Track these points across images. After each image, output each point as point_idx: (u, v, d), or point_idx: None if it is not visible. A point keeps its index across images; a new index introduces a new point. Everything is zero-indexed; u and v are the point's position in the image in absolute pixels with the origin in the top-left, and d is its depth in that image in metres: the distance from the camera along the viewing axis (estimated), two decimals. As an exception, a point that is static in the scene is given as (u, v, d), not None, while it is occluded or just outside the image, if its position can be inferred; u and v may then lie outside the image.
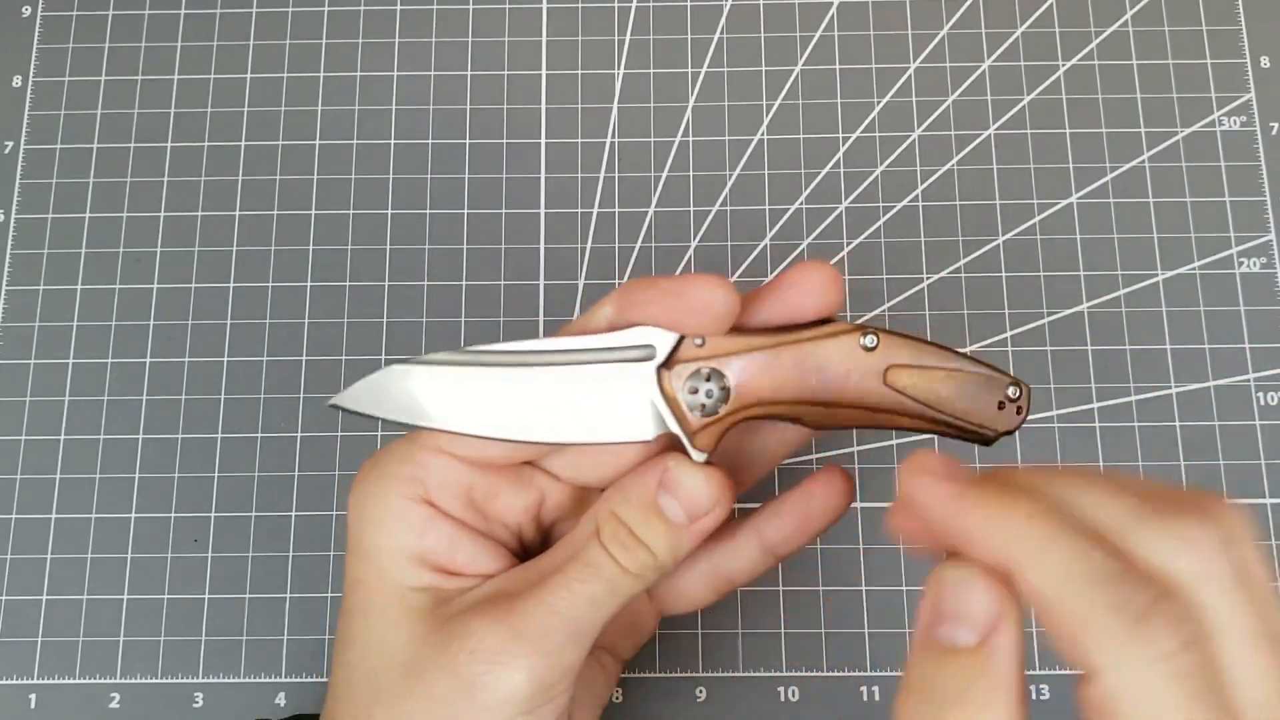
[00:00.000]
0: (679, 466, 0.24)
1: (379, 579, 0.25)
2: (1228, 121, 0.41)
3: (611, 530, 0.24)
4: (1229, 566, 0.19)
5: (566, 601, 0.24)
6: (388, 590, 0.25)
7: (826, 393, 0.24)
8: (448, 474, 0.25)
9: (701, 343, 0.25)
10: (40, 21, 0.42)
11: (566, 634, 0.24)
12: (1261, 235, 0.39)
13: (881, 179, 0.40)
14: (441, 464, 0.25)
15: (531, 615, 0.24)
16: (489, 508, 0.26)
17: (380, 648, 0.25)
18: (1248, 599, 0.19)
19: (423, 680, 0.24)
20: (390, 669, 0.24)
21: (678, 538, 0.25)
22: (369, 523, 0.25)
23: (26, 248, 0.40)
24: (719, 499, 0.25)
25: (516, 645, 0.23)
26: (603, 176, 0.40)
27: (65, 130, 0.41)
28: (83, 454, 0.38)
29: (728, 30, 0.42)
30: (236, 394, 0.38)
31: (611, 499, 0.25)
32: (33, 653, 0.36)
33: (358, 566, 0.26)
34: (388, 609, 0.25)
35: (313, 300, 0.39)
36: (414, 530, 0.25)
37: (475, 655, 0.23)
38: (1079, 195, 0.40)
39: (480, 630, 0.24)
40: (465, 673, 0.23)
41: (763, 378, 0.24)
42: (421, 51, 0.42)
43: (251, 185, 0.40)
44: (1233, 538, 0.20)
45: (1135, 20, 0.42)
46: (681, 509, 0.24)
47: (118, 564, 0.37)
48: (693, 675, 0.36)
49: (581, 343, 0.25)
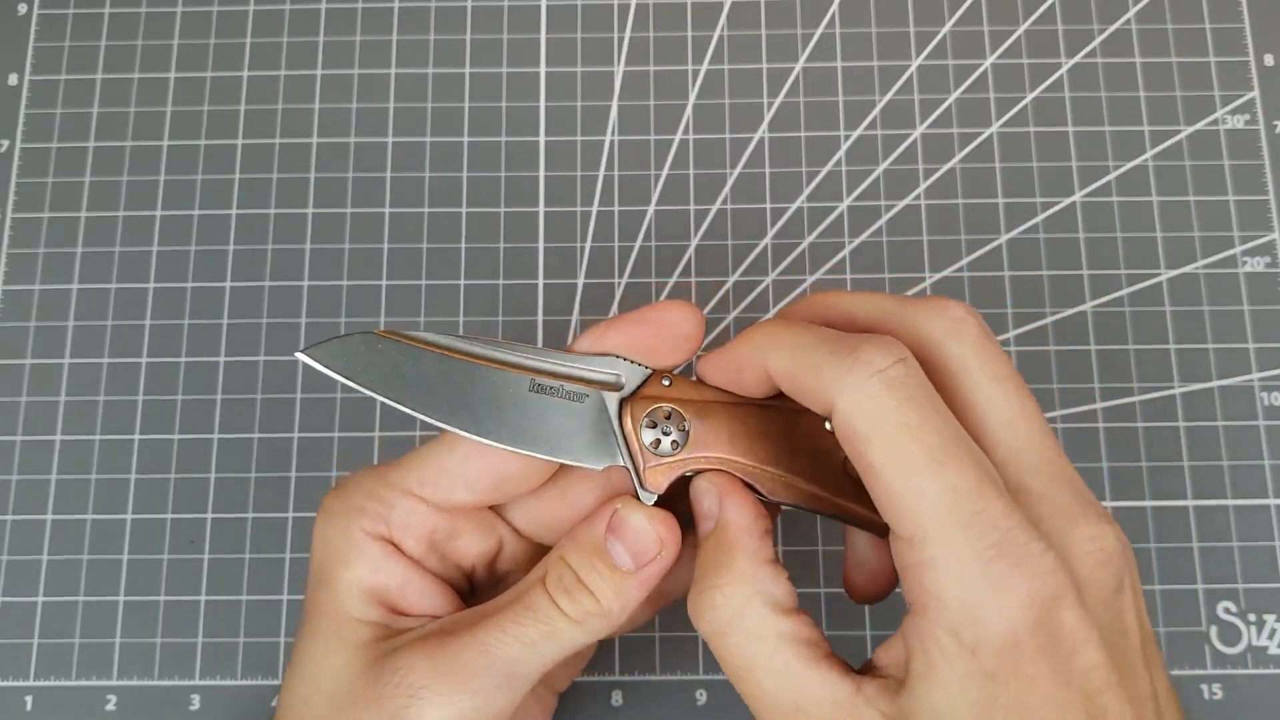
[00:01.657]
0: (626, 509, 0.24)
1: (330, 607, 0.25)
2: (1231, 120, 0.40)
3: (557, 576, 0.24)
4: (975, 328, 0.23)
5: (500, 642, 0.24)
6: (335, 618, 0.25)
7: (780, 462, 0.24)
8: (413, 516, 0.25)
9: (669, 383, 0.25)
10: (36, 19, 0.42)
11: (497, 675, 0.24)
12: (1265, 234, 0.39)
13: (883, 177, 0.40)
14: (408, 506, 0.25)
15: (461, 653, 0.24)
16: (448, 549, 0.26)
17: (315, 675, 0.25)
18: (993, 350, 0.23)
19: (348, 711, 0.24)
20: (320, 698, 0.25)
21: (623, 585, 0.24)
22: (331, 553, 0.26)
23: (22, 247, 0.40)
24: (665, 542, 0.24)
25: (442, 682, 0.23)
26: (602, 174, 0.40)
27: (61, 129, 0.41)
28: (78, 455, 0.38)
29: (728, 27, 0.42)
30: (233, 394, 0.38)
31: (562, 544, 0.25)
32: (29, 654, 0.36)
33: (314, 593, 0.26)
34: (331, 637, 0.25)
35: (309, 299, 0.39)
36: (369, 564, 0.25)
37: (399, 689, 0.23)
38: (1082, 194, 0.40)
39: (409, 664, 0.24)
40: (389, 705, 0.23)
41: (721, 430, 0.24)
42: (419, 49, 0.42)
43: (248, 184, 0.40)
44: (973, 313, 0.23)
45: (1138, 18, 0.41)
46: (627, 553, 0.24)
47: (114, 565, 0.37)
48: (693, 678, 0.36)
49: (559, 360, 0.25)
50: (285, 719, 0.25)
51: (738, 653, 0.23)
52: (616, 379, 0.25)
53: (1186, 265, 0.39)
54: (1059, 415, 0.38)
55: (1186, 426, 0.38)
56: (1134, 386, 0.38)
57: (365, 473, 0.26)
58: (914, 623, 0.21)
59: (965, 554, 0.20)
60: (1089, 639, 0.20)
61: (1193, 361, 0.38)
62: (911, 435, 0.20)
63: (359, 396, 0.38)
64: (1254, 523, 0.37)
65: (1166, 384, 0.38)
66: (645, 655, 0.36)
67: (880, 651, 0.22)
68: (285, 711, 0.26)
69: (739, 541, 0.23)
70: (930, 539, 0.20)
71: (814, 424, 0.25)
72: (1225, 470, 0.37)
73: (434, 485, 0.25)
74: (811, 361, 0.22)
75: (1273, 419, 0.37)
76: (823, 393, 0.22)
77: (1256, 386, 0.38)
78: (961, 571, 0.20)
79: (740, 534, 0.23)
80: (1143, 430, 0.38)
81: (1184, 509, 0.37)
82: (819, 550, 0.37)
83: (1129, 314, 0.38)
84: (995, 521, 0.20)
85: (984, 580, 0.20)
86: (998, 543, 0.20)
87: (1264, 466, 0.37)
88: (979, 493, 0.20)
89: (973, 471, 0.20)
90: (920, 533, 0.20)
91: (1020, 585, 0.19)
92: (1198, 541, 0.37)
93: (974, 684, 0.20)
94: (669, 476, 0.24)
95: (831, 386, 0.21)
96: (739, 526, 0.23)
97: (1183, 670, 0.35)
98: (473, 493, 0.25)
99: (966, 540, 0.20)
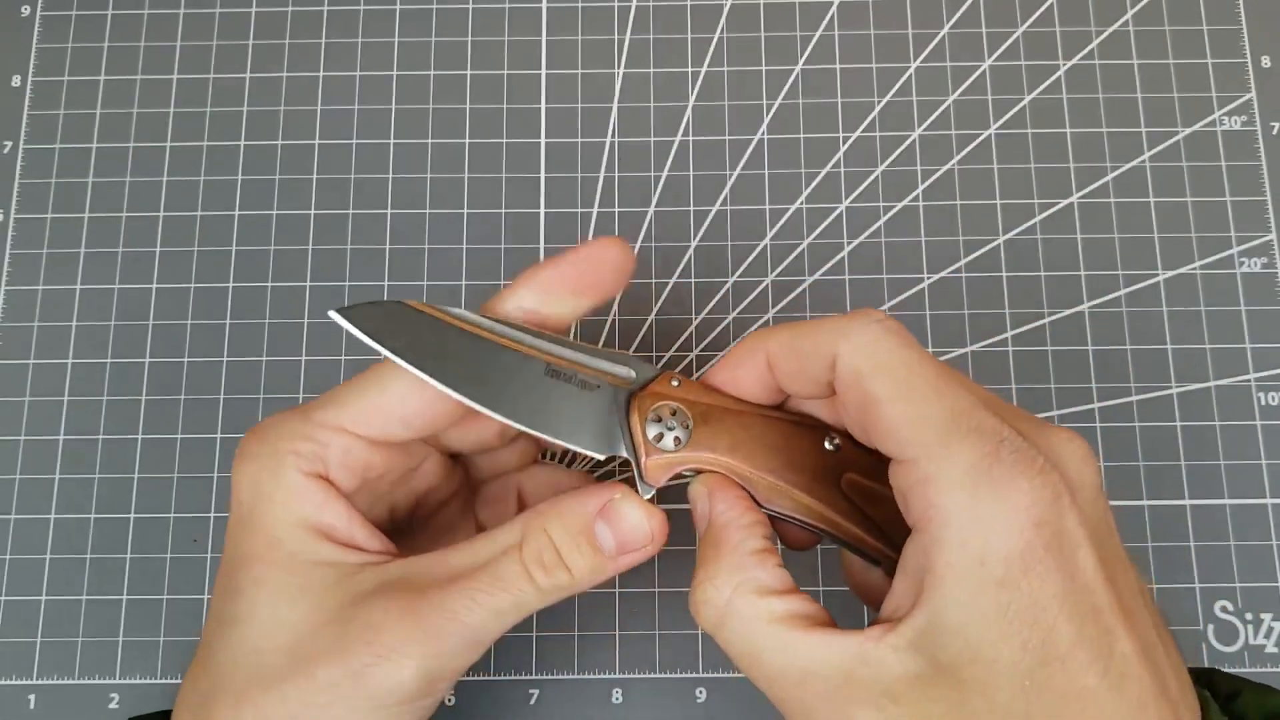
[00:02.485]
0: (625, 500, 0.25)
1: (275, 554, 0.25)
2: (1228, 121, 0.40)
3: (537, 549, 0.25)
4: (889, 339, 0.23)
5: (470, 611, 0.24)
6: (286, 565, 0.25)
7: (778, 472, 0.25)
8: (349, 454, 0.25)
9: (678, 384, 0.25)
10: (39, 21, 0.42)
11: (463, 639, 0.24)
12: (1262, 235, 0.39)
13: (882, 178, 0.40)
14: (344, 443, 0.25)
15: (431, 617, 0.24)
16: (377, 487, 0.27)
17: (270, 626, 0.24)
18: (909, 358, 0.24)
19: (311, 664, 0.24)
20: (277, 649, 0.24)
21: (600, 566, 0.25)
22: (263, 498, 0.25)
23: (26, 247, 0.40)
24: (655, 539, 0.25)
25: (412, 645, 0.23)
26: (602, 176, 0.40)
27: (64, 130, 0.41)
28: (82, 454, 0.38)
29: (728, 29, 0.42)
30: (235, 394, 0.38)
31: (545, 515, 0.25)
32: (32, 653, 0.36)
33: (248, 540, 0.25)
34: (285, 585, 0.24)
35: (312, 300, 0.39)
36: (312, 504, 0.25)
37: (370, 646, 0.23)
38: (1079, 195, 0.40)
39: (381, 624, 0.24)
40: (356, 662, 0.23)
41: (724, 435, 0.25)
42: (421, 51, 0.42)
43: (251, 185, 0.40)
44: (884, 322, 0.24)
45: (1136, 20, 0.42)
46: (614, 540, 0.25)
47: (117, 564, 0.37)
48: (693, 676, 0.36)
49: (577, 351, 0.26)
50: (231, 675, 0.24)
51: (738, 640, 0.23)
52: (628, 374, 0.26)
53: (1184, 266, 0.39)
54: (1056, 415, 0.38)
55: (1184, 426, 0.38)
56: (1131, 386, 0.38)
57: (287, 414, 0.26)
58: (918, 545, 0.22)
59: (968, 462, 0.21)
60: (1086, 536, 0.21)
61: (1190, 362, 0.38)
62: (912, 368, 0.22)
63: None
64: (1251, 522, 0.37)
65: (1164, 384, 0.38)
66: (645, 653, 0.36)
67: (884, 604, 0.23)
68: (229, 669, 0.24)
69: (725, 534, 0.24)
70: (934, 455, 0.21)
71: (814, 440, 0.25)
72: (1222, 470, 0.37)
73: (369, 422, 0.25)
74: (809, 330, 0.23)
75: (1270, 419, 0.38)
76: (825, 349, 0.23)
77: (1253, 386, 0.38)
78: (965, 478, 0.21)
79: (726, 528, 0.24)
80: (1140, 430, 0.38)
81: (1181, 508, 0.37)
82: (819, 550, 0.37)
83: (1126, 314, 0.39)
84: (991, 432, 0.21)
85: (987, 484, 0.21)
86: (994, 449, 0.21)
87: (1261, 466, 0.37)
88: (974, 412, 0.21)
89: (967, 396, 0.22)
90: (924, 451, 0.21)
91: (1022, 485, 0.20)
92: (1195, 541, 0.37)
93: (986, 594, 0.20)
94: (668, 472, 0.25)
95: (834, 338, 0.23)
96: (725, 521, 0.24)
97: (1180, 669, 0.36)
98: (409, 428, 0.26)
99: (967, 450, 0.21)
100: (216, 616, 0.25)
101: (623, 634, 0.36)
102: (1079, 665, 0.20)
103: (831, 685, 0.22)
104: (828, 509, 0.25)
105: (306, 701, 0.23)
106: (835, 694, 0.22)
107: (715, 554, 0.24)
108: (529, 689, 0.36)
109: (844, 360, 0.23)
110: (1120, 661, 0.21)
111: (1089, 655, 0.20)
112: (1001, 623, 0.20)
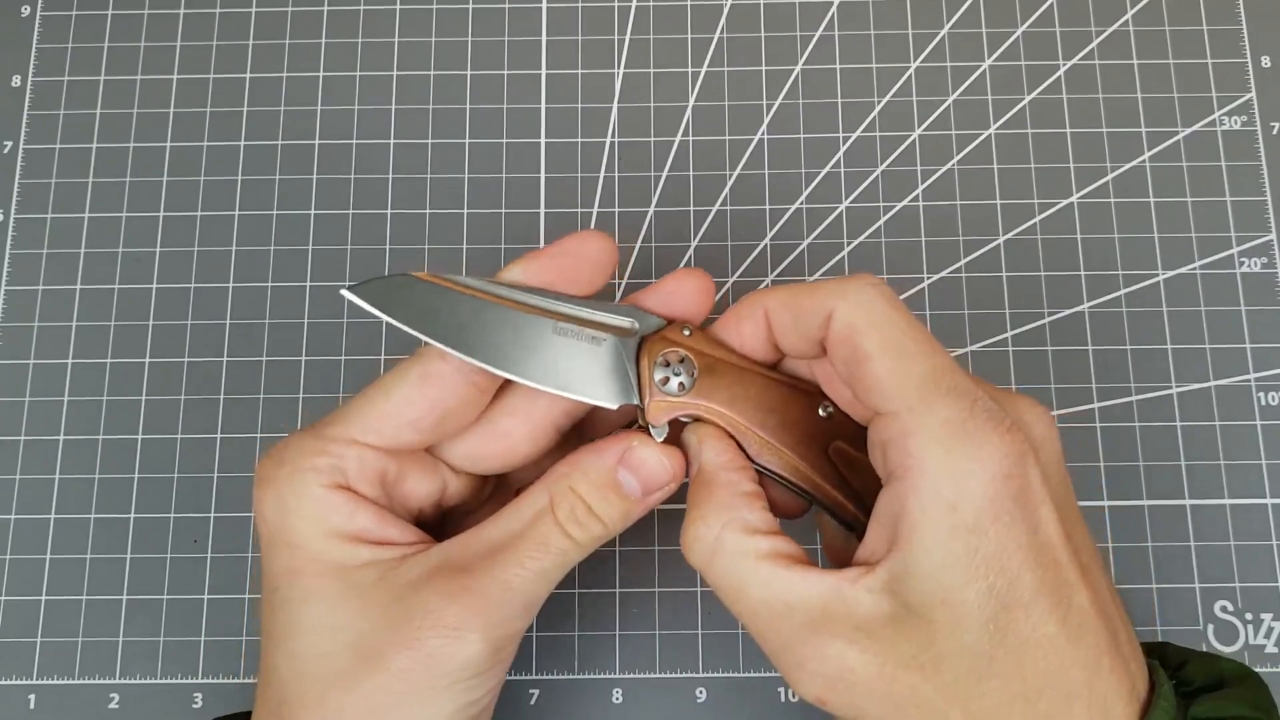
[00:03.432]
0: (643, 446, 0.26)
1: (316, 565, 0.25)
2: (1228, 121, 0.40)
3: (569, 507, 0.26)
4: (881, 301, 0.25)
5: (520, 578, 0.25)
6: (328, 574, 0.25)
7: (771, 430, 0.26)
8: (365, 463, 0.26)
9: (689, 334, 0.27)
10: (39, 21, 0.42)
11: (518, 605, 0.25)
12: (1262, 235, 0.39)
13: (882, 179, 0.40)
14: (357, 453, 0.26)
15: (487, 591, 0.25)
16: (397, 491, 0.27)
17: (329, 631, 0.25)
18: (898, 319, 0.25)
19: (380, 657, 0.24)
20: (341, 651, 0.25)
21: (630, 511, 0.27)
22: (292, 515, 0.26)
23: (26, 247, 0.40)
24: (675, 475, 0.27)
25: (474, 619, 0.25)
26: (602, 176, 0.40)
27: (64, 130, 0.41)
28: (82, 454, 0.38)
29: (728, 30, 0.42)
30: (236, 394, 0.38)
31: (570, 475, 0.26)
32: (32, 653, 0.36)
33: (286, 558, 0.26)
34: (330, 592, 0.25)
35: (312, 300, 0.39)
36: (342, 513, 0.26)
37: (435, 630, 0.24)
38: (1079, 195, 0.40)
39: (438, 607, 0.25)
40: (423, 647, 0.24)
41: (724, 389, 0.26)
42: (421, 51, 0.42)
43: (251, 185, 0.40)
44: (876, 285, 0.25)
45: (1136, 20, 0.42)
46: (639, 484, 0.26)
47: (117, 564, 0.37)
48: (692, 675, 0.36)
49: (581, 306, 0.27)
50: (303, 687, 0.25)
51: (725, 574, 0.25)
52: (632, 325, 0.27)
53: (1184, 266, 0.39)
54: (1056, 415, 0.38)
55: (1183, 426, 0.38)
56: (1131, 386, 0.38)
57: (298, 435, 0.26)
58: (894, 493, 0.23)
59: (944, 418, 0.22)
60: (1048, 495, 0.23)
61: (1190, 361, 0.38)
62: (901, 329, 0.24)
63: (361, 396, 0.38)
64: (1251, 522, 0.37)
65: (1164, 384, 0.38)
66: (646, 653, 0.36)
67: (858, 551, 0.24)
68: (299, 681, 0.25)
69: (715, 477, 0.26)
70: (915, 409, 0.23)
71: (809, 406, 0.27)
72: (1222, 470, 0.37)
73: (379, 430, 0.26)
74: (808, 289, 0.25)
75: (1269, 418, 0.38)
76: (822, 306, 0.24)
77: (1253, 386, 0.38)
78: (942, 432, 0.22)
79: (716, 470, 0.26)
80: (1140, 430, 0.38)
81: (1181, 508, 0.37)
82: (820, 550, 0.37)
83: (1126, 314, 0.39)
84: (966, 392, 0.23)
85: (961, 439, 0.22)
86: (969, 407, 0.23)
87: (1261, 466, 0.37)
88: (953, 372, 0.23)
89: (948, 359, 0.24)
90: (906, 405, 0.23)
91: (994, 440, 0.22)
92: (1195, 541, 0.37)
93: (957, 539, 0.22)
94: (669, 414, 0.26)
95: (831, 297, 0.24)
96: (715, 464, 0.26)
97: (1180, 668, 0.36)
98: (419, 431, 0.26)
99: (944, 407, 0.23)
100: (271, 635, 0.26)
101: (623, 634, 0.36)
102: (1040, 613, 0.22)
103: (809, 618, 0.23)
104: (813, 471, 0.26)
105: (386, 691, 0.24)
106: (812, 626, 0.23)
107: (707, 494, 0.25)
108: (529, 689, 0.36)
109: (839, 316, 0.24)
110: (1078, 613, 0.22)
111: (1049, 604, 0.22)
112: (970, 567, 0.22)
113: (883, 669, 0.22)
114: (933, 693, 0.22)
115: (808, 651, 0.23)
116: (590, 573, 0.37)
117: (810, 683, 0.23)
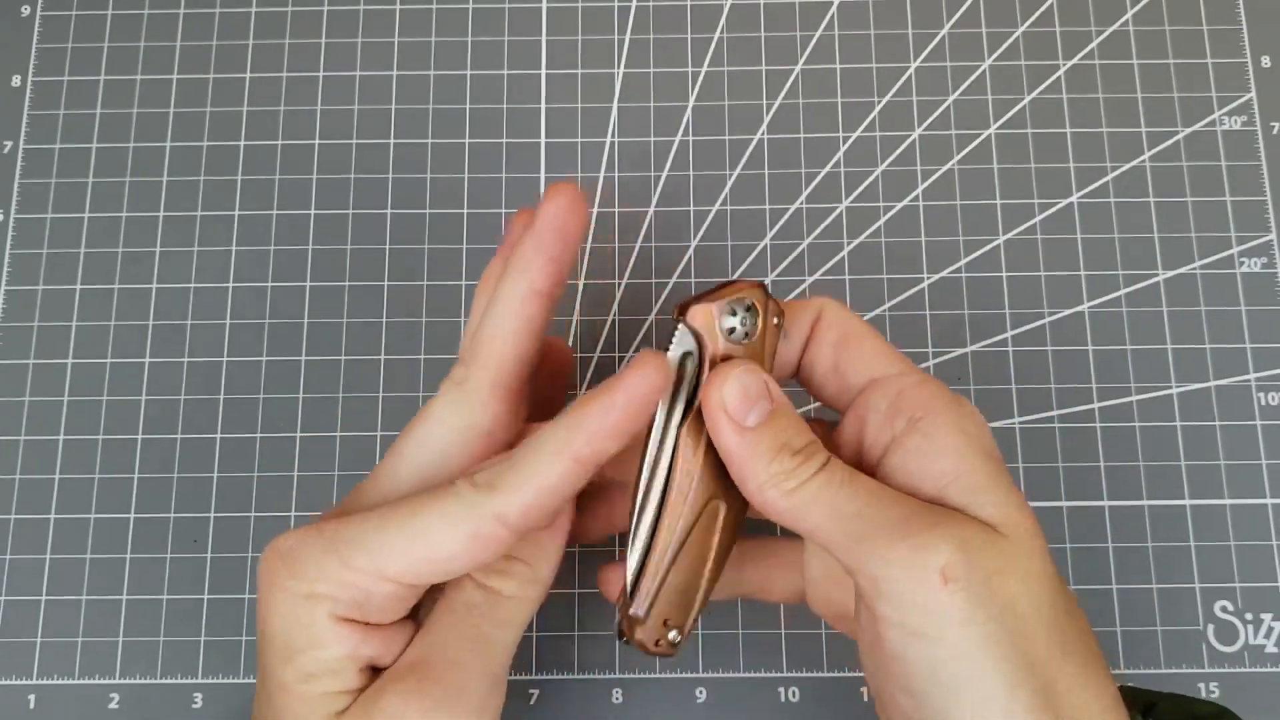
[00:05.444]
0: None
1: (315, 687, 0.25)
2: (1229, 121, 0.40)
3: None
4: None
5: (481, 657, 0.26)
6: (312, 701, 0.25)
7: None
8: (389, 598, 0.25)
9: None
10: (39, 21, 0.42)
11: (483, 684, 0.26)
12: (1262, 235, 0.39)
13: (882, 178, 0.40)
14: (385, 589, 0.25)
15: (445, 678, 0.25)
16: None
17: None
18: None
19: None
20: None
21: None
22: (299, 635, 0.25)
23: (25, 247, 0.40)
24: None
25: (438, 714, 0.25)
26: (602, 176, 0.40)
27: (64, 130, 0.41)
28: (82, 454, 0.38)
29: (728, 29, 0.42)
30: (235, 394, 0.38)
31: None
32: (32, 653, 0.36)
33: (285, 671, 0.25)
34: (332, 701, 0.25)
35: (312, 300, 0.39)
36: (351, 643, 0.25)
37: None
38: (1079, 195, 0.40)
39: (402, 713, 0.24)
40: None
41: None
42: (421, 51, 0.42)
43: (250, 185, 0.40)
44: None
45: (1136, 20, 0.42)
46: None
47: (117, 564, 0.37)
48: (693, 676, 0.36)
49: None
50: None
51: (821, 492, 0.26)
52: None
53: (1184, 266, 0.39)
54: (1056, 415, 0.38)
55: (1183, 426, 0.38)
56: (1131, 386, 0.38)
57: (319, 547, 0.25)
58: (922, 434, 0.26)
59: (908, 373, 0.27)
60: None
61: (1190, 362, 0.38)
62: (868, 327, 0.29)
63: (361, 396, 0.38)
64: (1251, 522, 0.37)
65: (1164, 384, 0.38)
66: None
67: (835, 440, 0.28)
68: None
69: (791, 410, 0.27)
70: (912, 370, 0.27)
71: None
72: (1222, 470, 0.37)
73: (416, 573, 0.24)
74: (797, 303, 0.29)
75: (1269, 419, 0.38)
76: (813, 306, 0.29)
77: (1253, 386, 0.38)
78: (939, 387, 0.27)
79: (788, 405, 0.27)
80: (1140, 430, 0.38)
81: (1181, 508, 0.37)
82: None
83: (1126, 314, 0.39)
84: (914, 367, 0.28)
85: (913, 374, 0.27)
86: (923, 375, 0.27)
87: (1261, 466, 0.37)
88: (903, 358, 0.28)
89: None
90: (902, 368, 0.27)
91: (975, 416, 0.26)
92: (1195, 541, 0.37)
93: (992, 460, 0.26)
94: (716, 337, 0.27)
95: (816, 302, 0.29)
96: (786, 402, 0.27)
97: (1180, 669, 0.36)
98: (454, 571, 0.25)
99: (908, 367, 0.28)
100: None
101: (623, 634, 0.36)
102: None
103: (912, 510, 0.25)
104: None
105: None
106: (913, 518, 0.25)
107: (801, 428, 0.27)
108: (529, 689, 0.36)
109: (828, 312, 0.29)
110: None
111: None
112: (1004, 480, 0.25)
113: None
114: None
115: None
116: (590, 573, 0.37)
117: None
